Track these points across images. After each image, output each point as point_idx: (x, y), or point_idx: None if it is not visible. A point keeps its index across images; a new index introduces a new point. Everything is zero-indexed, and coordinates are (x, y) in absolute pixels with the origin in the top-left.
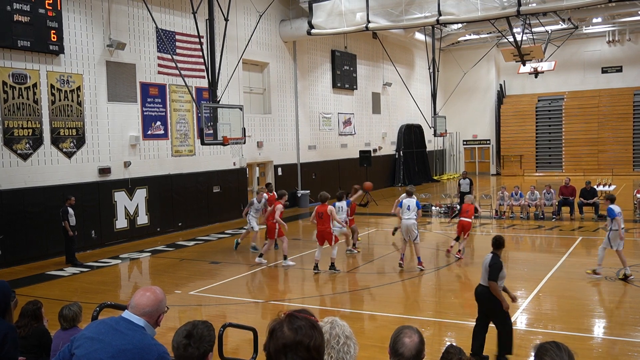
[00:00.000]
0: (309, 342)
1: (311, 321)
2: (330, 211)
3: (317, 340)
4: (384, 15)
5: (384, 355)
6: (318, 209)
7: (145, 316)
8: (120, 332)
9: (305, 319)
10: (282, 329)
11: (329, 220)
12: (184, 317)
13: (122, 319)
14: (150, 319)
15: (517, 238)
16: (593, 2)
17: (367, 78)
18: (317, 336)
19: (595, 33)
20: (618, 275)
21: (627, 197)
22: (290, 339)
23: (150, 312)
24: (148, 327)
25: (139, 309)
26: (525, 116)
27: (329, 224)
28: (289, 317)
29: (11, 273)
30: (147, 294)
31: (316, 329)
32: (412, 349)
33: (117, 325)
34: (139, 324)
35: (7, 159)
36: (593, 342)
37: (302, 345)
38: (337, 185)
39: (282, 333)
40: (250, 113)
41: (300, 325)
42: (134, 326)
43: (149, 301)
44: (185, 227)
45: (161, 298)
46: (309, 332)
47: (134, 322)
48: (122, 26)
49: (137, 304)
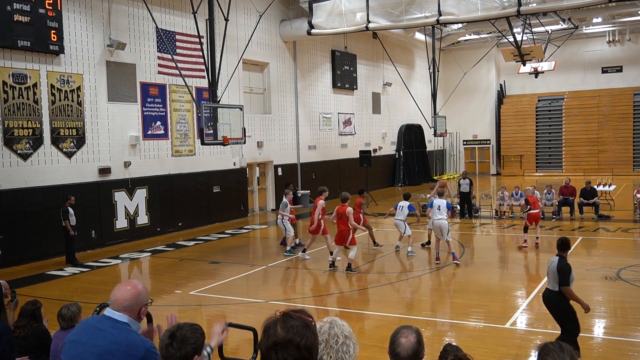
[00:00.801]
0: (299, 340)
1: (305, 321)
2: (349, 212)
3: (309, 340)
4: (384, 15)
5: (384, 355)
6: (338, 209)
7: (125, 311)
8: (104, 332)
9: (300, 319)
10: (275, 328)
11: (347, 221)
12: (184, 317)
13: (104, 317)
14: (132, 313)
15: (517, 238)
16: (593, 2)
17: (367, 78)
18: (309, 336)
19: (596, 33)
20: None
21: (627, 197)
22: (281, 337)
23: (131, 306)
24: (132, 322)
25: (119, 304)
26: (526, 116)
27: (347, 224)
28: (283, 316)
29: (11, 273)
30: (127, 288)
31: (309, 328)
32: (408, 349)
33: (99, 324)
34: (122, 321)
35: (7, 159)
36: (593, 342)
37: (292, 344)
38: (337, 186)
39: (275, 331)
40: (250, 113)
41: (293, 325)
42: (118, 324)
43: (128, 295)
44: (186, 227)
45: (141, 291)
46: (300, 331)
47: (117, 320)
48: (122, 26)
49: (117, 299)
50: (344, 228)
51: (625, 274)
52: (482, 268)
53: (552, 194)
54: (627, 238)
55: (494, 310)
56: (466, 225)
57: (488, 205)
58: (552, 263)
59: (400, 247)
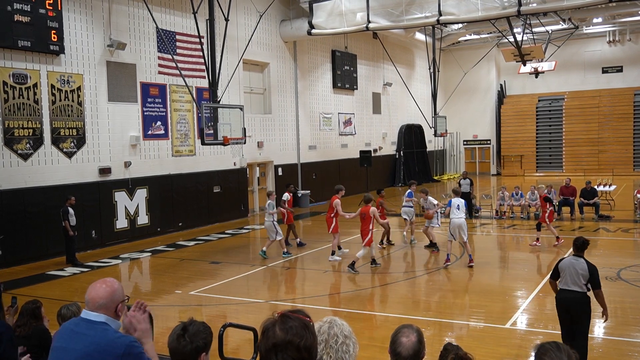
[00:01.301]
0: (299, 341)
1: (304, 321)
2: (373, 212)
3: (308, 341)
4: (385, 15)
5: (384, 355)
6: (362, 210)
7: (101, 309)
8: (81, 335)
9: (298, 319)
10: (273, 329)
11: (369, 222)
12: (184, 317)
13: (81, 319)
14: (108, 311)
15: (518, 238)
16: (593, 2)
17: (367, 78)
18: (309, 336)
19: (596, 33)
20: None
21: (628, 197)
22: (281, 339)
23: (106, 304)
24: (110, 320)
25: (94, 304)
26: (526, 116)
27: (368, 225)
28: (281, 317)
29: (11, 273)
30: (100, 286)
31: (308, 329)
32: (409, 348)
33: (77, 327)
34: (98, 320)
35: (7, 159)
36: (593, 342)
37: (292, 345)
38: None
39: (274, 333)
40: (250, 113)
41: (291, 326)
42: (94, 324)
43: (102, 293)
44: (186, 227)
45: (115, 287)
46: (300, 332)
47: (93, 320)
48: (123, 26)
49: (91, 298)
50: (365, 228)
51: (626, 274)
52: (482, 268)
53: (553, 194)
54: (628, 238)
55: (494, 310)
56: (467, 225)
57: (488, 205)
58: (575, 263)
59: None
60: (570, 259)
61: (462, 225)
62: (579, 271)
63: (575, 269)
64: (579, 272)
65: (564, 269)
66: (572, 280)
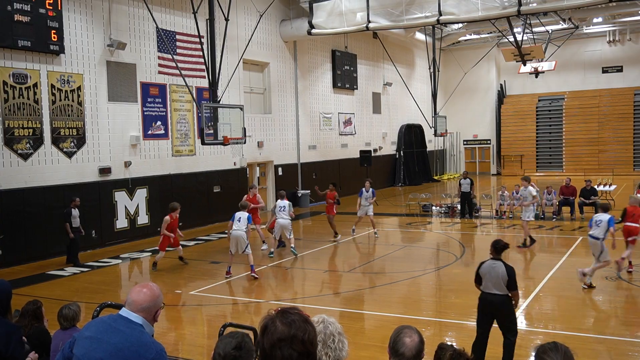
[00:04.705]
0: (303, 335)
1: (303, 316)
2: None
3: (311, 334)
4: (385, 15)
5: (384, 355)
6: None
7: (142, 312)
8: (118, 330)
9: (298, 314)
10: (275, 324)
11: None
12: (184, 317)
13: (119, 316)
14: (148, 315)
15: (518, 238)
16: (593, 2)
17: (367, 78)
18: (311, 330)
19: (596, 33)
20: (619, 275)
21: (628, 197)
22: (285, 333)
23: (148, 308)
24: (146, 324)
25: (136, 306)
26: (526, 116)
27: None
28: (281, 313)
29: (11, 273)
30: (143, 291)
31: (309, 323)
32: (412, 348)
33: (115, 323)
34: (137, 322)
35: (7, 159)
36: (593, 342)
37: (296, 339)
38: (338, 186)
39: (276, 328)
40: (250, 113)
41: (294, 320)
42: (132, 324)
43: (146, 297)
44: (186, 227)
45: (157, 294)
46: (302, 325)
47: (132, 320)
48: (123, 26)
49: (134, 301)
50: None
51: (626, 274)
52: None
53: (553, 194)
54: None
55: None
56: (467, 225)
57: (488, 205)
58: (495, 267)
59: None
60: (489, 263)
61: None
62: (500, 274)
63: (495, 272)
64: (499, 276)
65: (484, 274)
66: (493, 284)
